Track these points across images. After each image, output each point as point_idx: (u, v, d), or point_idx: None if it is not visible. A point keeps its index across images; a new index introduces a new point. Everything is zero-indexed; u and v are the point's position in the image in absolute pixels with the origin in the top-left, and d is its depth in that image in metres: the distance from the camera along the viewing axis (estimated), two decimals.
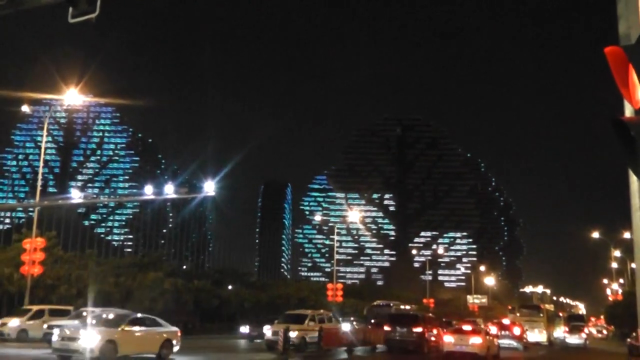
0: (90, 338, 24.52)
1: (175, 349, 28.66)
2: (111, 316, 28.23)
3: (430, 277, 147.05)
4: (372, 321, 49.27)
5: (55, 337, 25.58)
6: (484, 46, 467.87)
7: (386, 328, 41.21)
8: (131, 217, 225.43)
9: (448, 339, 37.28)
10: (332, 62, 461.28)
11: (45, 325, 36.55)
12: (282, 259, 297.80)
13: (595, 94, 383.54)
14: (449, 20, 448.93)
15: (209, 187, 43.11)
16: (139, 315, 28.87)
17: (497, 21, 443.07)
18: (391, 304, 59.81)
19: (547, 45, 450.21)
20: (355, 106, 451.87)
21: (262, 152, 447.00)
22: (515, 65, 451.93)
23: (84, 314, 34.64)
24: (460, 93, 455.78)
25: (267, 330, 38.06)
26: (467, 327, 39.00)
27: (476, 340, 36.21)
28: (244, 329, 52.00)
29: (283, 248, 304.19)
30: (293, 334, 35.08)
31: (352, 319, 51.15)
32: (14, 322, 38.17)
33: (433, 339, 41.48)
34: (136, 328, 26.91)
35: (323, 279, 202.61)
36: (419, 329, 40.18)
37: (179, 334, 29.73)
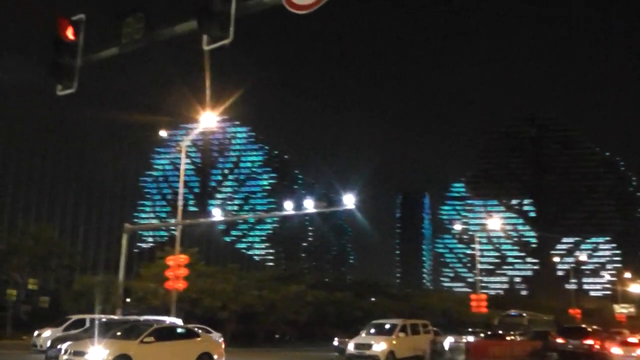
0: (98, 354, 20.37)
1: None
2: (125, 326, 24.26)
3: (574, 286, 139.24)
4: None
5: (62, 352, 21.92)
6: (618, 40, 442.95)
7: (559, 340, 41.25)
8: (271, 231, 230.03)
9: (616, 350, 37.49)
10: (460, 64, 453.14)
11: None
12: (423, 270, 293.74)
13: None
14: (585, 16, 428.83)
15: (348, 200, 42.14)
16: (168, 323, 25.50)
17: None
18: (524, 314, 57.16)
19: None
20: (488, 108, 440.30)
21: (397, 162, 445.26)
22: None
23: (88, 321, 31.88)
24: (593, 89, 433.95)
25: (350, 343, 32.24)
26: (632, 340, 39.42)
27: None
28: None
29: (424, 258, 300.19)
30: (378, 347, 30.48)
31: (469, 329, 48.83)
32: (47, 333, 34.32)
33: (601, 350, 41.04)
34: (160, 340, 22.12)
35: (466, 289, 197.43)
36: (590, 341, 40.40)
37: (222, 345, 26.77)
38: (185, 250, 52.68)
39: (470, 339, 45.13)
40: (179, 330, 24.68)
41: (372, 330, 33.59)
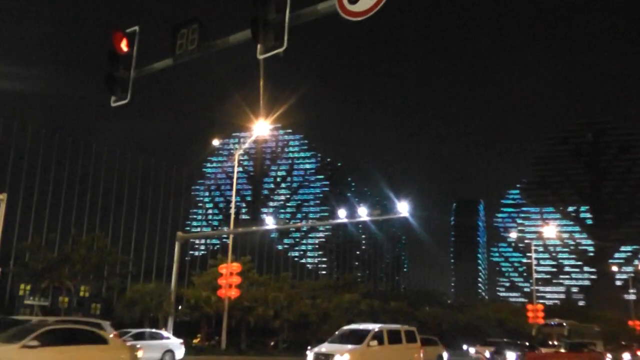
0: None
1: None
2: (18, 327, 20.16)
3: (633, 296, 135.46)
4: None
5: None
6: None
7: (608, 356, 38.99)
8: (324, 240, 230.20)
9: None
10: (517, 68, 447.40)
11: None
12: (479, 279, 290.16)
13: None
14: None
15: (403, 208, 41.97)
16: (66, 325, 20.81)
17: None
18: (564, 324, 55.41)
19: None
20: (544, 113, 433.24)
21: (451, 169, 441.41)
22: None
23: None
24: None
25: (310, 353, 26.17)
26: None
27: None
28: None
29: (479, 267, 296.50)
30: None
31: (505, 340, 47.90)
32: None
33: None
34: (48, 345, 17.29)
35: (522, 299, 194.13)
36: None
37: (139, 353, 22.55)
38: (238, 258, 53.15)
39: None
40: (79, 333, 19.02)
41: (340, 338, 27.32)
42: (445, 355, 39.11)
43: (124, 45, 14.05)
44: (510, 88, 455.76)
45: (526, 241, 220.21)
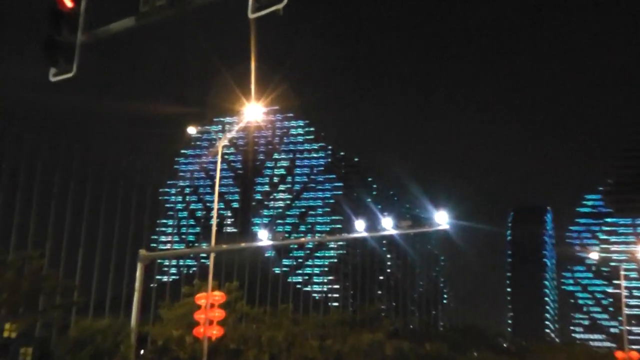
0: None
1: None
2: None
3: None
4: None
5: None
6: None
7: None
8: (336, 260, 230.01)
9: None
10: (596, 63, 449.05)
11: None
12: (546, 315, 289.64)
13: None
14: None
15: (441, 219, 42.16)
16: None
17: None
18: None
19: None
20: (633, 96, 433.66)
21: (506, 168, 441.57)
22: None
23: None
24: None
25: None
26: None
27: None
28: None
29: (546, 299, 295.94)
30: None
31: None
32: None
33: None
34: None
35: (607, 343, 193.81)
36: None
37: None
38: (222, 285, 53.28)
39: None
40: None
41: None
42: None
43: (67, 0, 13.93)
44: (586, 78, 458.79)
45: (612, 264, 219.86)
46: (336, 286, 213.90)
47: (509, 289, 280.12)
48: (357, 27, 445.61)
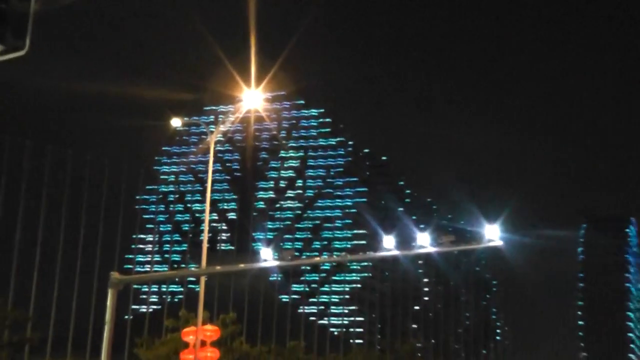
0: None
1: None
2: None
3: None
4: None
5: None
6: None
7: None
8: (359, 286, 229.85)
9: None
10: None
11: None
12: (631, 355, 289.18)
13: None
14: None
15: (493, 233, 41.96)
16: None
17: None
18: None
19: None
20: None
21: (575, 174, 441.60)
22: None
23: None
24: None
25: None
26: None
27: None
28: None
29: (630, 334, 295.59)
30: None
31: None
32: None
33: None
34: None
35: None
36: None
37: None
38: (215, 317, 53.50)
39: None
40: None
41: None
42: None
43: None
44: None
45: None
46: (360, 318, 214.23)
47: (580, 322, 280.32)
48: None
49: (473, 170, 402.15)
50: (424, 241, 44.66)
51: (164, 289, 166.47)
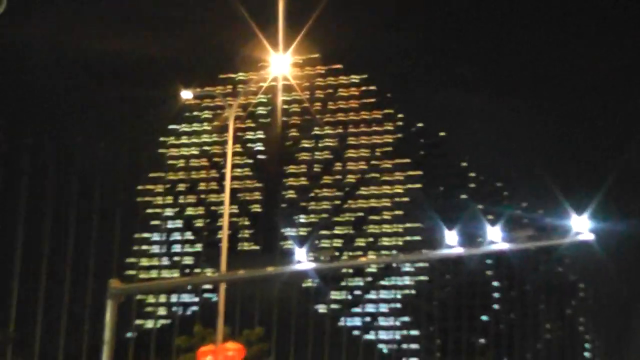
0: None
1: None
2: None
3: None
4: None
5: None
6: None
7: None
8: (414, 293, 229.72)
9: None
10: None
11: None
12: None
13: None
14: None
15: (580, 226, 41.72)
16: None
17: None
18: None
19: None
20: None
21: None
22: None
23: None
24: None
25: None
26: None
27: None
28: None
29: None
30: None
31: None
32: None
33: None
34: None
35: None
36: None
37: None
38: (237, 332, 53.78)
39: None
40: None
41: None
42: None
43: None
44: None
45: None
46: (414, 332, 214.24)
47: None
48: None
49: (553, 147, 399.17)
50: (494, 236, 44.36)
51: (174, 300, 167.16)
